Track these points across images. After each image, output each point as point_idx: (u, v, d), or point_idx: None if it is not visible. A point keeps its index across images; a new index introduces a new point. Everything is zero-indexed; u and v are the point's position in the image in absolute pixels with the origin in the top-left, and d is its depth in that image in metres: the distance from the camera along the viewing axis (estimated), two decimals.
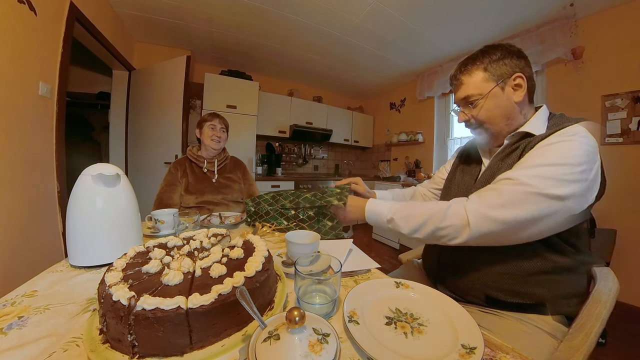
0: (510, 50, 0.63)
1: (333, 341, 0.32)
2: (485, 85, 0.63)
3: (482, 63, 0.63)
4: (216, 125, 1.39)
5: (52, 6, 1.45)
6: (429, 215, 0.59)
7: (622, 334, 1.47)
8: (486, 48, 0.65)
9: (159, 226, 0.88)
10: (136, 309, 0.33)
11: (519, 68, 0.62)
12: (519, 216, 0.50)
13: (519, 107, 0.63)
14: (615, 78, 1.84)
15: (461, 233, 0.55)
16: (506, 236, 0.54)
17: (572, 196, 0.50)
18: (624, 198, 1.78)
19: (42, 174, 1.45)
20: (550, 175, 0.50)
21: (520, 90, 0.62)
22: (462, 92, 0.67)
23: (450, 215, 0.56)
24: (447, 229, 0.56)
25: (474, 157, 0.78)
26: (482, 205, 0.53)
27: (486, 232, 0.53)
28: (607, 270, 0.61)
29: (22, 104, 1.29)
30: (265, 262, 0.46)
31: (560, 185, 0.49)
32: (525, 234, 0.52)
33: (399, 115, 3.96)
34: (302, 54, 2.98)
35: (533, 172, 0.52)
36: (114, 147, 2.74)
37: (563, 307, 0.59)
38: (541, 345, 0.55)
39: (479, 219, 0.53)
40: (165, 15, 2.26)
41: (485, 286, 0.63)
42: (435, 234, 0.58)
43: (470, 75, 0.65)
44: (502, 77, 0.62)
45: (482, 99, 0.63)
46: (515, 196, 0.51)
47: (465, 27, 2.30)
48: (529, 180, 0.51)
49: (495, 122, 0.65)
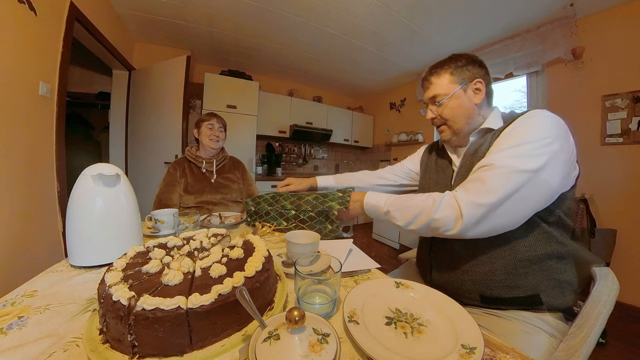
0: (474, 60, 0.72)
1: (333, 341, 0.32)
2: (451, 87, 0.71)
3: (449, 67, 0.72)
4: (214, 124, 1.39)
5: (52, 6, 1.45)
6: (423, 206, 0.62)
7: (622, 334, 1.47)
8: (453, 55, 0.74)
9: (159, 226, 0.88)
10: (136, 309, 0.33)
11: (480, 75, 0.70)
12: (504, 193, 0.53)
13: (478, 108, 0.71)
14: (615, 78, 1.84)
15: (455, 224, 0.57)
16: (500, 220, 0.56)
17: (543, 167, 0.53)
18: (624, 198, 1.78)
19: (42, 174, 1.45)
20: (520, 153, 0.55)
21: (479, 94, 0.71)
22: (430, 91, 0.75)
23: (444, 207, 0.59)
24: (441, 220, 0.58)
25: (444, 156, 0.83)
26: (470, 195, 0.57)
27: (479, 218, 0.55)
28: (607, 270, 0.61)
29: (22, 103, 1.29)
30: (265, 262, 0.46)
31: (531, 160, 0.54)
32: (516, 212, 0.55)
33: (399, 115, 3.96)
34: (302, 54, 2.98)
35: (505, 154, 0.57)
36: (113, 147, 2.74)
37: (557, 298, 0.59)
38: (540, 344, 0.55)
39: (470, 207, 0.55)
40: (165, 15, 2.26)
41: (479, 285, 0.64)
42: (430, 225, 0.60)
43: (439, 77, 0.73)
44: (464, 80, 0.70)
45: (447, 99, 0.71)
46: (496, 179, 0.55)
47: (465, 27, 2.30)
48: (504, 162, 0.55)
49: (457, 120, 0.72)
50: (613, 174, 1.84)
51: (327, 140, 3.90)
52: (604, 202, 1.84)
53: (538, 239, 0.60)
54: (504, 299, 0.62)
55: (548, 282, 0.59)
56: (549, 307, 0.59)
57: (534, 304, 0.60)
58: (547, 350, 0.54)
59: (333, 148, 4.45)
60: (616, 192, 1.81)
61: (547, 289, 0.59)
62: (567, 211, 0.61)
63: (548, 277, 0.59)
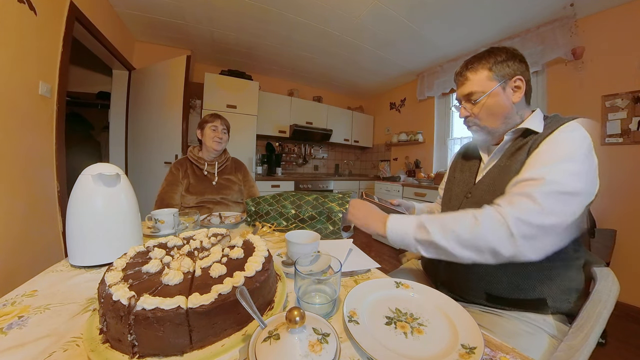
0: (514, 54, 0.66)
1: (333, 341, 0.32)
2: (489, 84, 0.65)
3: (488, 62, 0.65)
4: (218, 126, 1.38)
5: (52, 6, 1.45)
6: (462, 221, 0.54)
7: (622, 334, 1.47)
8: (492, 49, 0.67)
9: (159, 226, 0.88)
10: (136, 308, 0.33)
11: (520, 71, 0.65)
12: (559, 220, 0.49)
13: (516, 107, 0.66)
14: (615, 78, 1.84)
15: (505, 243, 0.50)
16: (556, 241, 0.51)
17: (584, 190, 0.51)
18: (624, 198, 1.78)
19: (42, 173, 1.45)
20: (570, 170, 0.51)
21: (519, 92, 0.65)
22: (466, 88, 0.69)
23: (488, 222, 0.51)
24: (488, 236, 0.51)
25: (472, 155, 0.80)
26: (518, 211, 0.50)
27: (532, 238, 0.49)
28: (607, 270, 0.61)
29: (22, 103, 1.29)
30: (265, 262, 0.46)
31: (578, 180, 0.51)
32: (560, 235, 0.51)
33: (399, 115, 3.95)
34: (302, 54, 2.98)
35: (555, 168, 0.52)
36: (114, 147, 2.74)
37: (563, 303, 0.59)
38: (542, 345, 0.55)
39: (521, 226, 0.49)
40: (166, 15, 2.26)
41: (486, 283, 0.63)
42: (476, 242, 0.52)
43: (476, 73, 0.67)
44: (504, 77, 0.64)
45: (484, 97, 0.65)
46: (548, 199, 0.49)
47: (466, 27, 2.30)
48: (555, 177, 0.50)
49: (493, 119, 0.67)
50: (613, 174, 1.84)
51: (327, 140, 3.89)
52: (604, 202, 1.84)
53: None
54: (509, 300, 0.61)
55: (557, 289, 0.59)
56: (554, 311, 0.59)
57: (540, 307, 0.59)
58: (548, 350, 0.54)
59: (333, 148, 4.45)
60: (616, 192, 1.81)
61: (554, 294, 0.58)
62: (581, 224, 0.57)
63: (557, 284, 0.59)
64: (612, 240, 1.73)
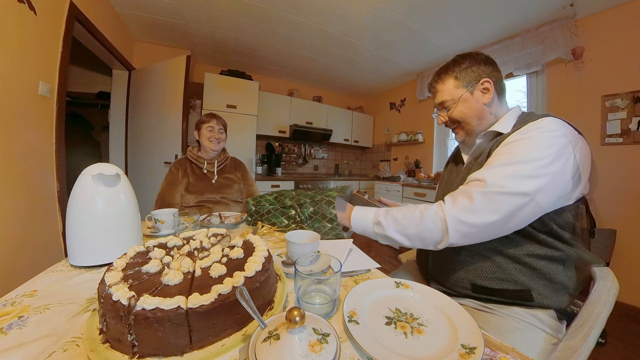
0: (478, 59, 0.70)
1: (333, 341, 0.32)
2: (457, 91, 0.70)
3: (453, 72, 0.71)
4: (214, 126, 1.38)
5: (52, 6, 1.45)
6: (411, 218, 0.63)
7: (621, 333, 1.47)
8: (457, 58, 0.72)
9: (158, 226, 0.88)
10: (136, 308, 0.33)
11: (486, 73, 0.69)
12: (490, 219, 0.54)
13: (488, 107, 0.70)
14: (615, 78, 1.84)
15: (442, 238, 0.59)
16: (485, 236, 0.58)
17: (538, 191, 0.52)
18: (624, 198, 1.78)
19: (42, 173, 1.45)
20: (515, 173, 0.54)
21: (488, 93, 0.69)
22: (437, 98, 0.75)
23: (430, 220, 0.60)
24: (429, 232, 0.60)
25: (458, 157, 0.84)
26: (455, 209, 0.57)
27: (465, 234, 0.57)
28: (607, 270, 0.61)
29: (22, 103, 1.29)
30: (265, 262, 0.46)
31: (524, 182, 0.53)
32: (502, 230, 0.57)
33: (399, 115, 3.95)
34: (302, 54, 2.98)
35: (498, 171, 0.56)
36: (113, 147, 2.74)
37: (549, 296, 0.59)
38: (534, 341, 0.55)
39: (455, 223, 0.57)
40: (166, 15, 2.26)
41: (471, 274, 0.65)
42: (421, 235, 0.62)
43: (444, 83, 0.73)
44: (470, 82, 0.69)
45: (454, 104, 0.71)
46: (484, 200, 0.55)
47: (466, 27, 2.30)
48: (496, 180, 0.55)
49: (468, 121, 0.72)
50: (613, 174, 1.84)
51: (327, 140, 3.90)
52: (604, 202, 1.84)
53: (529, 243, 0.60)
54: (494, 290, 0.62)
55: (539, 281, 0.59)
56: (541, 305, 0.59)
57: (525, 300, 0.60)
58: (542, 346, 0.54)
59: (333, 148, 4.45)
60: (616, 192, 1.81)
61: (538, 287, 0.59)
62: (563, 224, 0.59)
63: (539, 276, 0.59)
64: (612, 240, 1.73)
